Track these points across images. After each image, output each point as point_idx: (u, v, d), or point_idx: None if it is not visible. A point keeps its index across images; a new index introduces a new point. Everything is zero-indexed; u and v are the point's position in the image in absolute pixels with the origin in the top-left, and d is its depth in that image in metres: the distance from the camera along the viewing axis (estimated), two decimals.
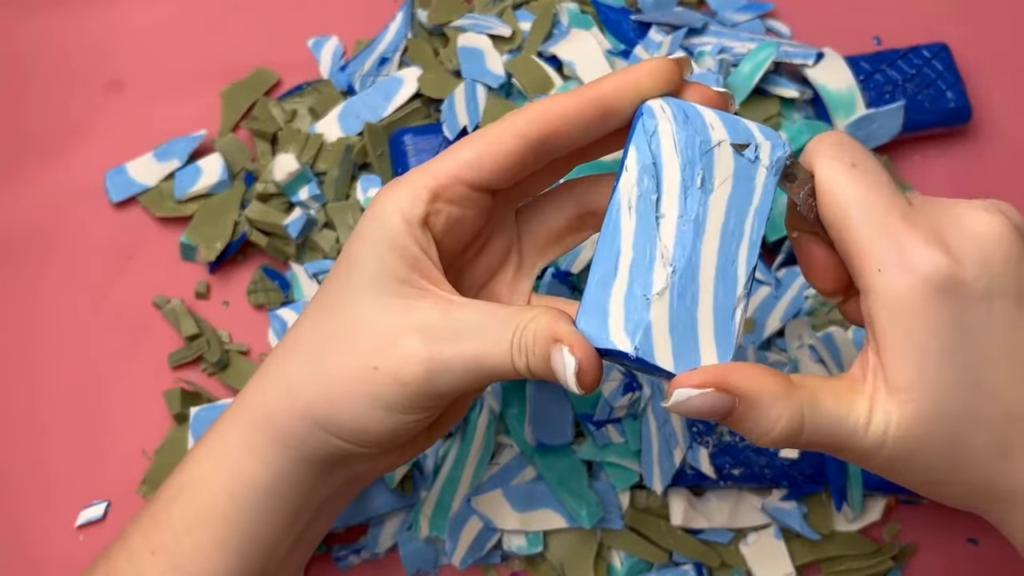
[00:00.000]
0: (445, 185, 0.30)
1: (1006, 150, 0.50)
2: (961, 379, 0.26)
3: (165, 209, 0.47)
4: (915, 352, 0.26)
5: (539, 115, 0.29)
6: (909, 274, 0.26)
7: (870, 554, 0.42)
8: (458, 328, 0.28)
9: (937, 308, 0.26)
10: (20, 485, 0.44)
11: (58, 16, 0.52)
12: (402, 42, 0.49)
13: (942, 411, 0.27)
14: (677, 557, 0.41)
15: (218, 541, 0.30)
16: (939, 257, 0.26)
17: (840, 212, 0.28)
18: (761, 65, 0.46)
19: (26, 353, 0.46)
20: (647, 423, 0.41)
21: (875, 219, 0.27)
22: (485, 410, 0.43)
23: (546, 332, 0.27)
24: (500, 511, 0.41)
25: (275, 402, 0.30)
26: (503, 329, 0.28)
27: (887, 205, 0.27)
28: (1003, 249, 0.27)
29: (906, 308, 0.26)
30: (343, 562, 0.42)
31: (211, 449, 0.31)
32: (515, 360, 0.28)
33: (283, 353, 0.31)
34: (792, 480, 0.41)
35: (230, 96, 0.50)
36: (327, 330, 0.30)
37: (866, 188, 0.28)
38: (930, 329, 0.26)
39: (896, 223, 0.27)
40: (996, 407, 0.27)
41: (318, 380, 0.30)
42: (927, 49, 0.48)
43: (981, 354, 0.27)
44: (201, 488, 0.31)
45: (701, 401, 0.27)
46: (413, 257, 0.29)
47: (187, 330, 0.45)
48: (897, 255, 0.27)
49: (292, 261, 0.47)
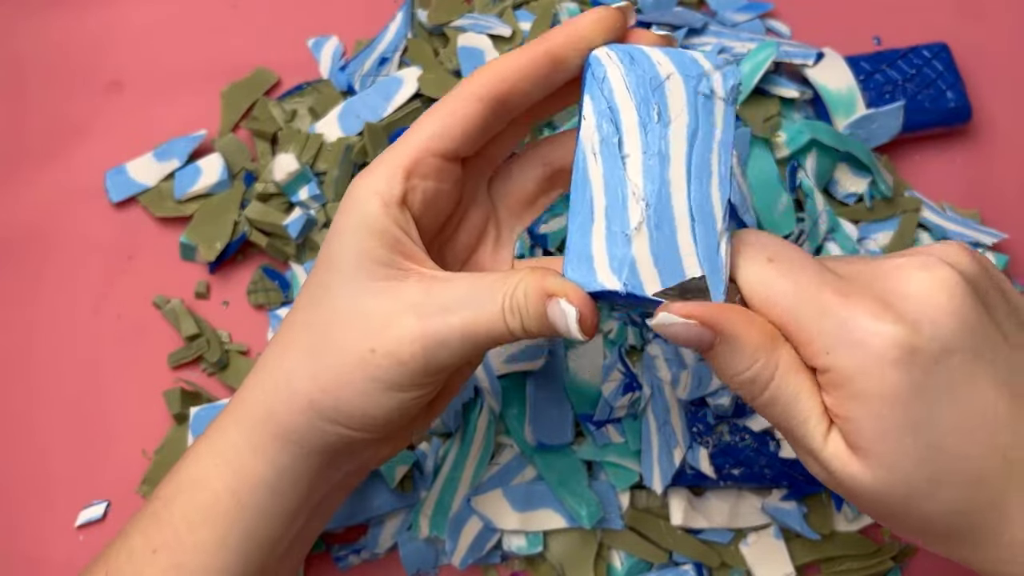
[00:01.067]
0: (417, 160, 0.30)
1: (1006, 150, 0.50)
2: (922, 446, 0.26)
3: (165, 209, 0.47)
4: (873, 424, 0.26)
5: (493, 75, 0.30)
6: (859, 351, 0.26)
7: (870, 554, 0.42)
8: (448, 301, 0.29)
9: (892, 380, 0.26)
10: (20, 485, 0.44)
11: (58, 16, 0.52)
12: (402, 42, 0.50)
13: (901, 478, 0.26)
14: (677, 557, 0.41)
15: (220, 539, 0.31)
16: (887, 328, 0.26)
17: (771, 308, 0.27)
18: (761, 65, 0.46)
19: (26, 353, 0.46)
20: (647, 423, 0.41)
21: (808, 303, 0.27)
22: (485, 410, 0.43)
23: (537, 289, 0.28)
24: (500, 511, 0.41)
25: (274, 397, 0.30)
26: (492, 295, 0.28)
27: (816, 286, 0.27)
28: (952, 304, 0.26)
29: (860, 385, 0.26)
30: (343, 562, 0.42)
31: (211, 447, 0.31)
32: (508, 322, 0.28)
33: (278, 349, 0.31)
34: (792, 480, 0.41)
35: (230, 96, 0.50)
36: (318, 322, 0.30)
37: (790, 277, 0.27)
38: (887, 402, 0.26)
39: (832, 300, 0.27)
40: (962, 470, 0.26)
41: (317, 371, 0.30)
42: (927, 49, 0.48)
43: (943, 418, 0.26)
44: (202, 486, 0.31)
45: (685, 330, 0.27)
46: (394, 239, 0.30)
47: (187, 330, 0.45)
48: (842, 334, 0.26)
49: (292, 261, 0.47)
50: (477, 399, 0.43)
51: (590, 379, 0.42)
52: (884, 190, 0.46)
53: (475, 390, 0.43)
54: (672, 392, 0.42)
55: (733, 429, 0.42)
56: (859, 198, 0.47)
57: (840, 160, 0.46)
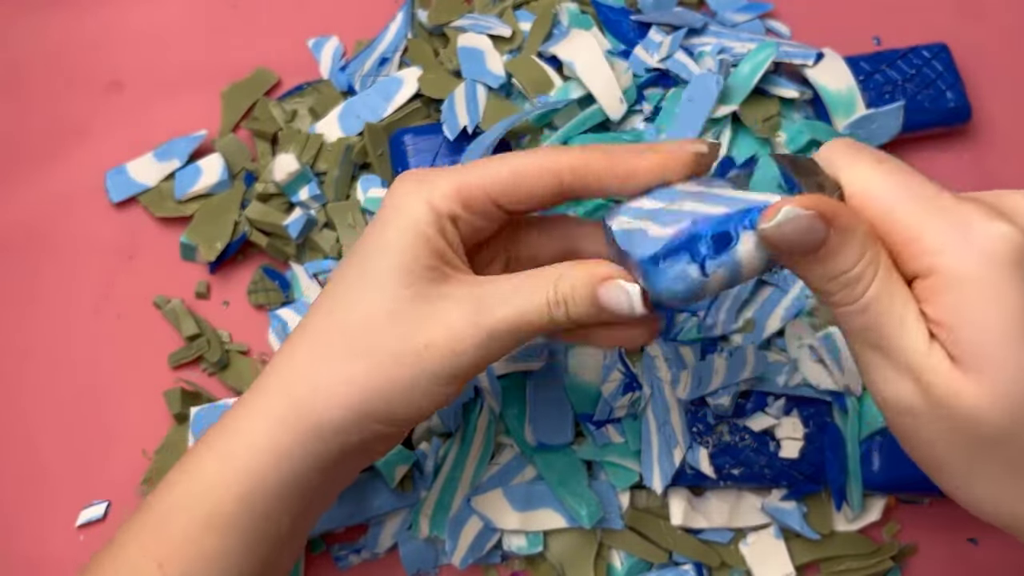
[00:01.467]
0: (476, 196, 0.31)
1: (1006, 150, 0.50)
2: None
3: (165, 209, 0.47)
4: (984, 333, 0.24)
5: (581, 166, 0.31)
6: (973, 251, 0.25)
7: (870, 554, 0.42)
8: (494, 297, 0.30)
9: (1009, 285, 0.24)
10: (20, 485, 0.44)
11: (58, 16, 0.52)
12: (402, 42, 0.50)
13: (1012, 394, 0.24)
14: (677, 557, 0.41)
15: (228, 548, 0.30)
16: (1005, 230, 0.25)
17: (883, 205, 0.26)
18: (761, 65, 0.46)
19: (26, 353, 0.46)
20: (647, 423, 0.41)
21: (925, 202, 0.26)
22: (485, 410, 0.43)
23: (587, 276, 0.29)
24: (500, 511, 0.41)
25: (309, 405, 0.30)
26: (536, 287, 0.30)
27: (935, 188, 0.26)
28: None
29: (972, 289, 0.25)
30: (343, 562, 0.42)
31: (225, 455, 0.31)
32: (553, 313, 0.29)
33: (310, 348, 0.31)
34: (792, 480, 0.41)
35: (230, 96, 0.50)
36: (361, 319, 0.30)
37: (904, 178, 0.27)
38: (1001, 308, 0.24)
39: (951, 202, 0.26)
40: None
41: (362, 373, 0.30)
42: (927, 49, 0.48)
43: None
44: (209, 497, 0.30)
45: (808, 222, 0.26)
46: (440, 248, 0.30)
47: (187, 330, 0.45)
48: (959, 233, 0.25)
49: (292, 261, 0.47)
50: (477, 399, 0.43)
51: (590, 379, 0.42)
52: None
53: (475, 390, 0.43)
54: (672, 392, 0.42)
55: (733, 429, 0.42)
56: None
57: None
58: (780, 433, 0.42)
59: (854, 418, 0.42)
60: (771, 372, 0.42)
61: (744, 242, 0.28)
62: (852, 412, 0.42)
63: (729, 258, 0.28)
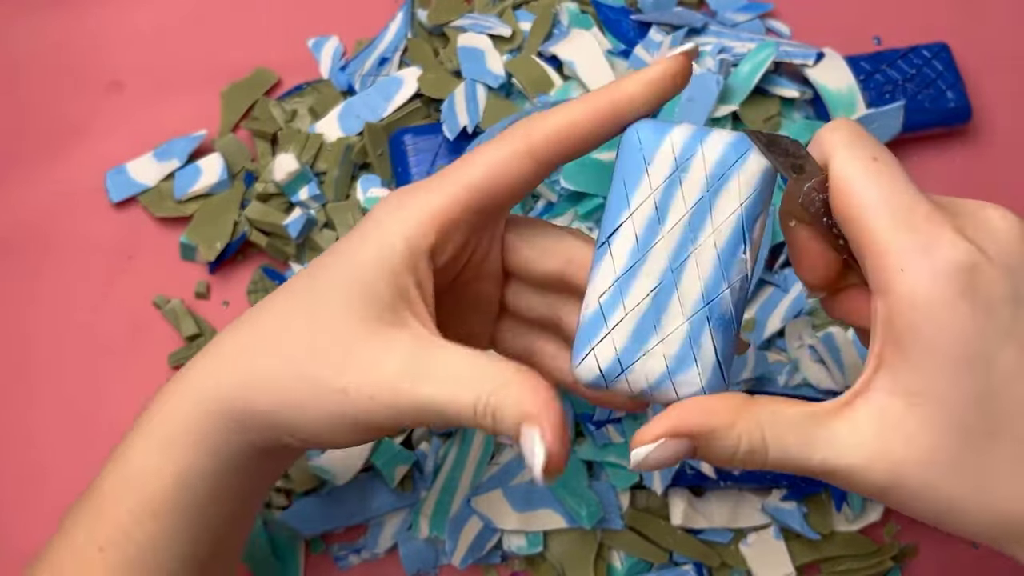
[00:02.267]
0: (454, 213, 0.29)
1: (1006, 150, 0.50)
2: (979, 390, 0.25)
3: (165, 209, 0.47)
4: (932, 356, 0.25)
5: (553, 134, 0.29)
6: (935, 274, 0.24)
7: (870, 554, 0.42)
8: (429, 371, 0.27)
9: (962, 311, 0.24)
10: (19, 485, 0.44)
11: (58, 16, 0.52)
12: (402, 42, 0.50)
13: (955, 422, 0.25)
14: (677, 557, 0.41)
15: (168, 531, 0.30)
16: (968, 251, 0.24)
17: (860, 209, 0.26)
18: (761, 65, 0.46)
19: (26, 353, 0.46)
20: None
21: (900, 216, 0.25)
22: None
23: (516, 406, 0.26)
24: (500, 511, 0.41)
25: (228, 392, 0.29)
26: (471, 387, 0.27)
27: (912, 201, 0.26)
28: (1019, 246, 0.25)
29: (929, 309, 0.25)
30: (343, 562, 0.42)
31: (153, 436, 0.30)
32: (479, 420, 0.27)
33: (243, 340, 0.30)
34: (792, 480, 0.41)
35: (230, 96, 0.50)
36: (299, 335, 0.29)
37: (889, 184, 0.26)
38: (952, 333, 0.24)
39: (920, 219, 0.25)
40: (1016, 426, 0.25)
41: (284, 387, 0.29)
42: (927, 49, 0.48)
43: (1006, 361, 0.25)
44: (149, 480, 0.30)
45: (660, 453, 0.26)
46: (403, 288, 0.29)
47: (187, 330, 0.45)
48: (923, 252, 0.25)
49: (292, 261, 0.47)
50: None
51: None
52: None
53: None
54: None
55: None
56: None
57: None
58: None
59: None
60: (771, 372, 0.42)
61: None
62: None
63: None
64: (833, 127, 0.28)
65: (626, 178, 0.28)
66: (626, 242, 0.28)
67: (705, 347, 0.28)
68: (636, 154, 0.28)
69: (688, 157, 0.28)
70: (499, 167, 0.29)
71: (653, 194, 0.28)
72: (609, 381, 0.28)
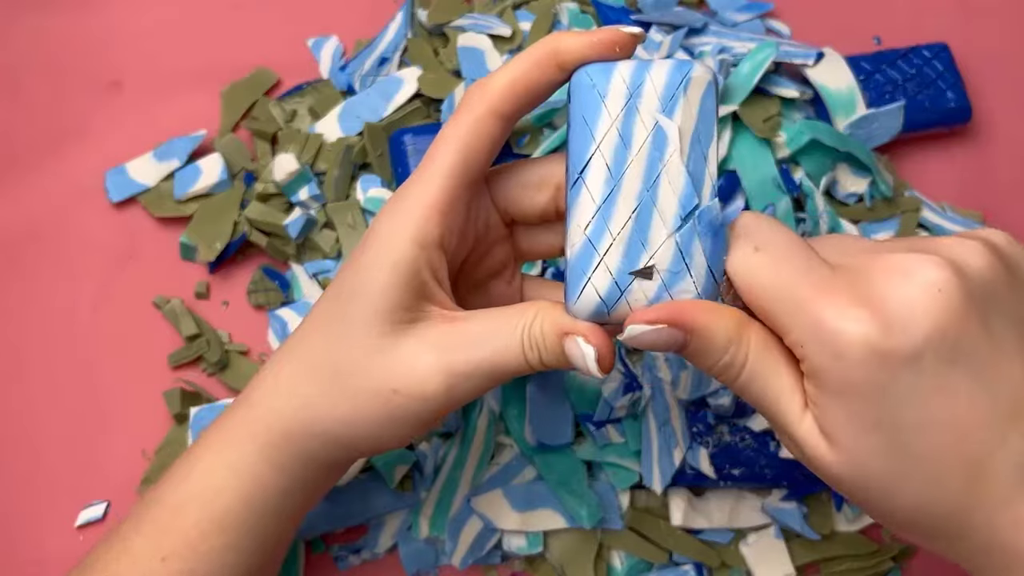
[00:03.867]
0: (450, 198, 0.30)
1: (1006, 150, 0.50)
2: (886, 443, 0.26)
3: (165, 209, 0.47)
4: (840, 416, 0.27)
5: (507, 89, 0.30)
6: (827, 347, 0.26)
7: (870, 554, 0.42)
8: (468, 339, 0.30)
9: (857, 378, 0.26)
10: (20, 485, 0.44)
11: (58, 16, 0.52)
12: (402, 42, 0.50)
13: (865, 471, 0.27)
14: (677, 557, 0.41)
15: (231, 545, 0.32)
16: (856, 328, 0.26)
17: (753, 298, 0.28)
18: (761, 65, 0.46)
19: (26, 353, 0.46)
20: (647, 423, 0.41)
21: (786, 298, 0.27)
22: (485, 410, 0.43)
23: (553, 326, 0.29)
24: (500, 511, 0.41)
25: (293, 422, 0.31)
26: (512, 331, 0.29)
27: (796, 280, 0.27)
28: (933, 310, 0.25)
29: (828, 379, 0.26)
30: (343, 562, 0.42)
31: (220, 458, 0.32)
32: (528, 357, 0.29)
33: (294, 371, 0.32)
34: (792, 480, 0.41)
35: (230, 96, 0.50)
36: (338, 356, 0.31)
37: (772, 269, 0.27)
38: (852, 397, 0.26)
39: (808, 296, 0.27)
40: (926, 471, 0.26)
41: (339, 407, 0.31)
42: (927, 49, 0.48)
43: (908, 419, 0.26)
44: (213, 497, 0.32)
45: (656, 336, 0.28)
46: (422, 284, 0.30)
47: (187, 330, 0.45)
48: (814, 329, 0.26)
49: (292, 261, 0.47)
50: (477, 399, 0.43)
51: (590, 379, 0.42)
52: (884, 190, 0.46)
53: None
54: (672, 392, 0.42)
55: (733, 429, 0.42)
56: (859, 198, 0.47)
57: (840, 160, 0.46)
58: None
59: None
60: None
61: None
62: None
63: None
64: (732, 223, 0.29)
65: (585, 114, 0.29)
66: (599, 173, 0.29)
67: (696, 256, 0.29)
68: (590, 91, 0.29)
69: (639, 84, 0.29)
70: (471, 137, 0.30)
71: (615, 123, 0.29)
72: (610, 307, 0.29)
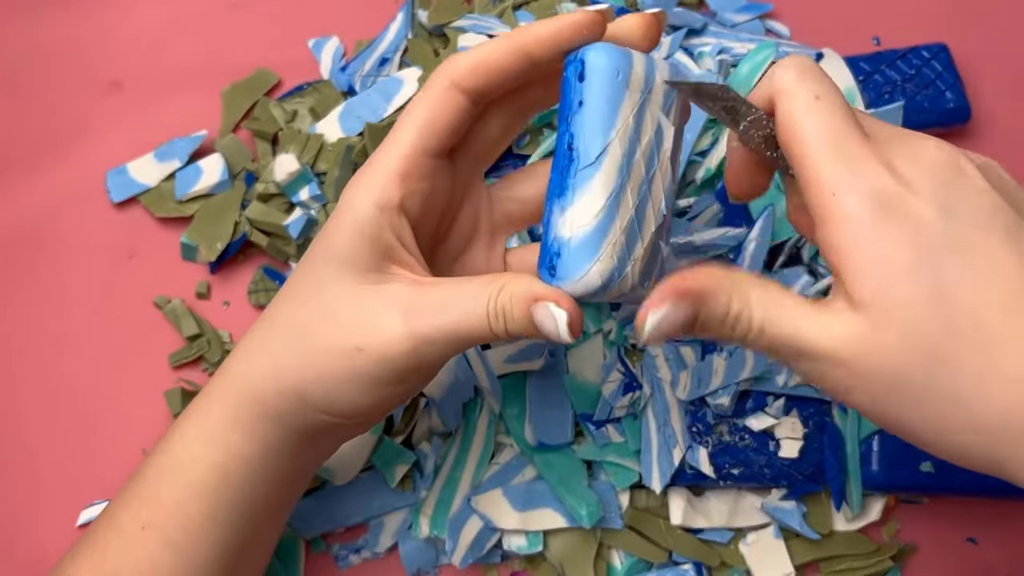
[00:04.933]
0: (411, 163, 0.31)
1: (1006, 150, 0.50)
2: (929, 293, 0.26)
3: (166, 209, 0.47)
4: (877, 268, 0.26)
5: (472, 66, 0.31)
6: (862, 193, 0.27)
7: (869, 553, 0.42)
8: (435, 303, 0.30)
9: (893, 226, 0.26)
10: (20, 485, 0.44)
11: (58, 16, 0.52)
12: (402, 42, 0.50)
13: (915, 327, 0.26)
14: (677, 557, 0.41)
15: (208, 514, 0.32)
16: (890, 178, 0.27)
17: (801, 145, 0.28)
18: (760, 65, 0.46)
19: (26, 353, 0.46)
20: (647, 423, 0.42)
21: (833, 147, 0.27)
22: (485, 410, 0.43)
23: (523, 294, 0.29)
24: (500, 511, 0.41)
25: (261, 382, 0.32)
26: (478, 297, 0.30)
27: (845, 133, 0.28)
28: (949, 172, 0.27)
29: (863, 226, 0.26)
30: (343, 562, 0.42)
31: (196, 428, 0.33)
32: (492, 325, 0.30)
33: (265, 334, 0.32)
34: (791, 480, 0.41)
35: (230, 96, 0.50)
36: (305, 318, 0.31)
37: (827, 119, 0.28)
38: (888, 245, 0.26)
39: (852, 149, 0.27)
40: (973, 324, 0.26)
41: (304, 362, 0.31)
42: (926, 49, 0.48)
43: (945, 270, 0.26)
44: (189, 465, 0.32)
45: (672, 318, 0.28)
46: (386, 246, 0.31)
47: (188, 330, 0.45)
48: (852, 177, 0.27)
49: (292, 261, 0.47)
50: (477, 399, 0.43)
51: (590, 379, 0.42)
52: None
53: (475, 390, 0.43)
54: (672, 392, 0.42)
55: (733, 429, 0.42)
56: None
57: None
58: (780, 433, 0.42)
59: (853, 418, 0.42)
60: (771, 372, 0.42)
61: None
62: (851, 412, 0.42)
63: None
64: (784, 65, 0.29)
65: (608, 98, 0.29)
66: (615, 159, 0.30)
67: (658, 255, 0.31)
68: (614, 76, 0.29)
69: (651, 80, 0.30)
70: (433, 107, 0.31)
71: (633, 113, 0.30)
72: (608, 289, 0.30)
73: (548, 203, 0.30)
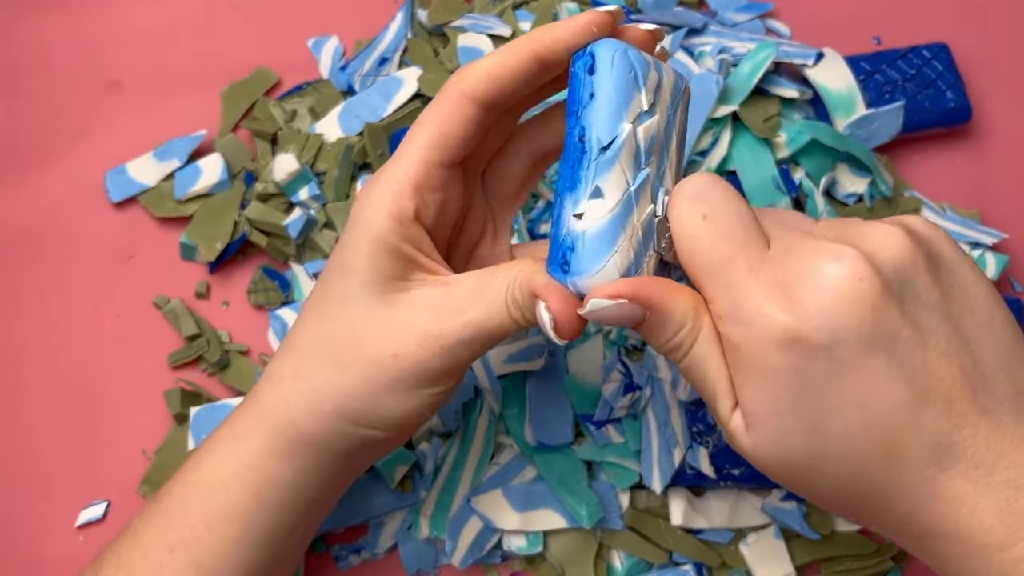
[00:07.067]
0: (424, 175, 0.31)
1: (1006, 150, 0.50)
2: (802, 425, 0.27)
3: (165, 209, 0.47)
4: (758, 397, 0.27)
5: (484, 76, 0.31)
6: (745, 328, 0.27)
7: (870, 554, 0.42)
8: (459, 302, 0.30)
9: (773, 361, 0.26)
10: (20, 485, 0.44)
11: (58, 16, 0.52)
12: (402, 42, 0.50)
13: (784, 452, 0.27)
14: (677, 557, 0.41)
15: (238, 537, 0.32)
16: (775, 313, 0.26)
17: (688, 262, 0.29)
18: (761, 65, 0.46)
19: (26, 353, 0.46)
20: (647, 423, 0.41)
21: (718, 270, 0.28)
22: (485, 410, 0.43)
23: (525, 287, 0.30)
24: (500, 511, 0.41)
25: (297, 406, 0.32)
26: (497, 292, 0.30)
27: (732, 256, 0.28)
28: (851, 297, 0.26)
29: (745, 357, 0.27)
30: (343, 562, 0.42)
31: (228, 453, 0.32)
32: (513, 315, 0.30)
33: (295, 359, 0.32)
34: None
35: (230, 96, 0.50)
36: (335, 333, 0.31)
37: (714, 241, 0.28)
38: (767, 379, 0.27)
39: (738, 277, 0.27)
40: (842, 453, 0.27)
41: (341, 380, 0.31)
42: (927, 49, 0.48)
43: (824, 402, 0.26)
44: (222, 489, 0.32)
45: (618, 311, 0.28)
46: (406, 256, 0.31)
47: (187, 330, 0.45)
48: (734, 309, 0.27)
49: (292, 261, 0.47)
50: (477, 399, 0.43)
51: (590, 379, 0.42)
52: (884, 190, 0.46)
53: (475, 390, 0.43)
54: (672, 392, 0.42)
55: None
56: (859, 198, 0.47)
57: (840, 160, 0.46)
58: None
59: None
60: None
61: None
62: None
63: None
64: (681, 184, 0.29)
65: (622, 93, 0.29)
66: (629, 156, 0.29)
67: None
68: (627, 72, 0.29)
69: (660, 79, 0.30)
70: (445, 118, 0.31)
71: (647, 110, 0.30)
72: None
73: (557, 198, 0.30)
